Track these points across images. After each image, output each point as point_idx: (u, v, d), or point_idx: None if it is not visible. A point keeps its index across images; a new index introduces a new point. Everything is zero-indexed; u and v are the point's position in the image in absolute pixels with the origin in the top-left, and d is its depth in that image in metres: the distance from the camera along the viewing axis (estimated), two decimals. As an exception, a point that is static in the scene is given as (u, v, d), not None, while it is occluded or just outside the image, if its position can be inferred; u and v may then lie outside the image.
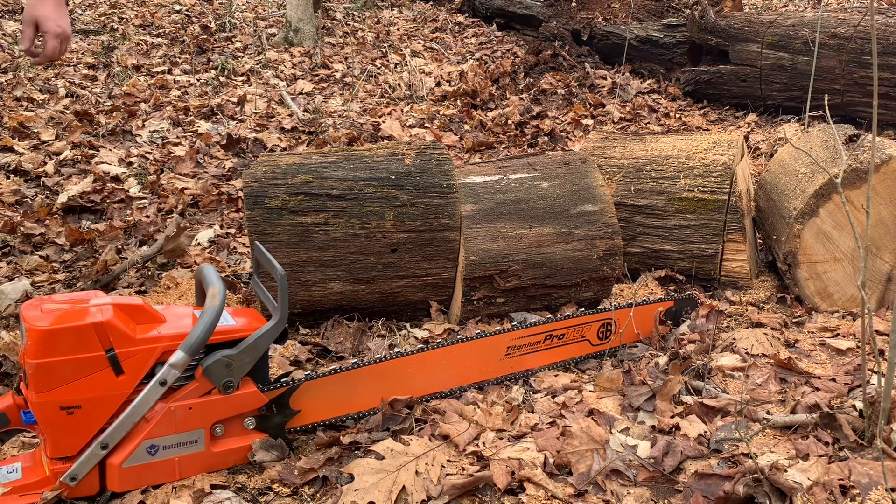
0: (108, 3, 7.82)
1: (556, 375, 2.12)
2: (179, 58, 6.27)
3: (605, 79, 6.11)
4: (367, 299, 2.36)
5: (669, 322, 2.39)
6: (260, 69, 6.22)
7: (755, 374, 2.08)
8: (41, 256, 2.88)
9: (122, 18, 7.32)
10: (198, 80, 5.74)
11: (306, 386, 1.76)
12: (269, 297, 1.77)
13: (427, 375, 1.95)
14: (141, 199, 3.56)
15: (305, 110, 5.21)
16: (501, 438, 1.78)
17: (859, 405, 1.76)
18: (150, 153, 4.16)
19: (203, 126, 4.71)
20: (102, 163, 3.90)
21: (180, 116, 4.84)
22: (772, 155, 4.26)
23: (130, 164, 3.98)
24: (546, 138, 4.85)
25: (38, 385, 1.46)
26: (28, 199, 3.39)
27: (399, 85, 6.04)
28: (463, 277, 2.34)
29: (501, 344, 2.05)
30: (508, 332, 2.07)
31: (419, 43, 7.58)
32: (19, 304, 2.38)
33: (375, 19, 8.53)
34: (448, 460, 1.68)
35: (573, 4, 7.41)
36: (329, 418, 1.82)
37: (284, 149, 4.51)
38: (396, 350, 2.14)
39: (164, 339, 1.56)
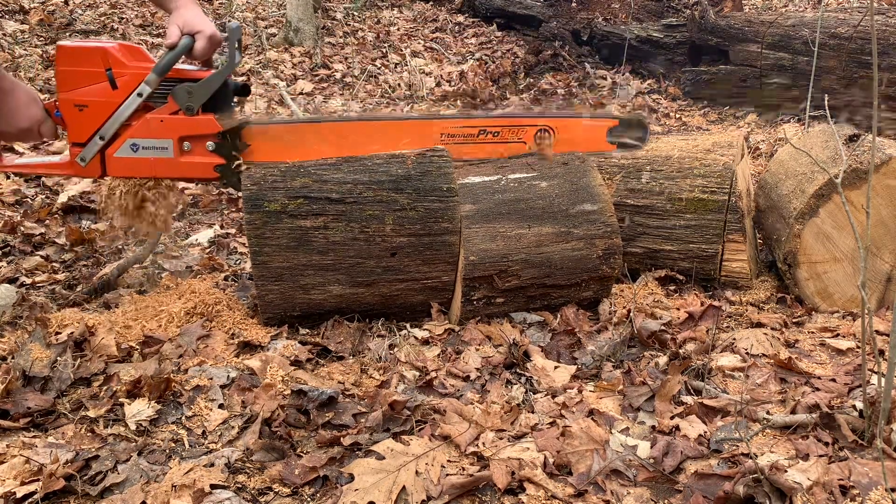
0: (108, 3, 7.82)
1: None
2: (179, 58, 6.27)
3: (605, 79, 6.12)
4: (367, 302, 2.36)
5: (617, 141, 2.50)
6: (260, 69, 6.23)
7: (755, 374, 2.08)
8: (41, 256, 2.87)
9: (123, 18, 7.32)
10: (198, 81, 5.73)
11: (257, 129, 2.24)
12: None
13: (365, 142, 2.32)
14: (141, 199, 3.55)
15: (305, 110, 5.22)
16: (501, 438, 1.78)
17: (859, 405, 1.76)
18: (150, 153, 4.15)
19: (203, 126, 4.70)
20: (102, 163, 3.89)
21: (180, 117, 4.83)
22: (772, 155, 4.26)
23: (130, 164, 3.98)
24: (546, 138, 4.83)
25: (61, 86, 2.08)
26: (28, 199, 3.39)
27: (399, 85, 6.04)
28: (462, 277, 2.34)
29: (436, 128, 2.34)
30: (442, 118, 2.38)
31: (419, 43, 7.59)
32: (17, 308, 2.37)
33: (375, 19, 8.54)
34: (448, 460, 1.68)
35: (573, 4, 7.41)
36: (274, 160, 2.26)
37: (284, 149, 4.49)
38: (340, 112, 2.58)
39: (147, 68, 2.08)
